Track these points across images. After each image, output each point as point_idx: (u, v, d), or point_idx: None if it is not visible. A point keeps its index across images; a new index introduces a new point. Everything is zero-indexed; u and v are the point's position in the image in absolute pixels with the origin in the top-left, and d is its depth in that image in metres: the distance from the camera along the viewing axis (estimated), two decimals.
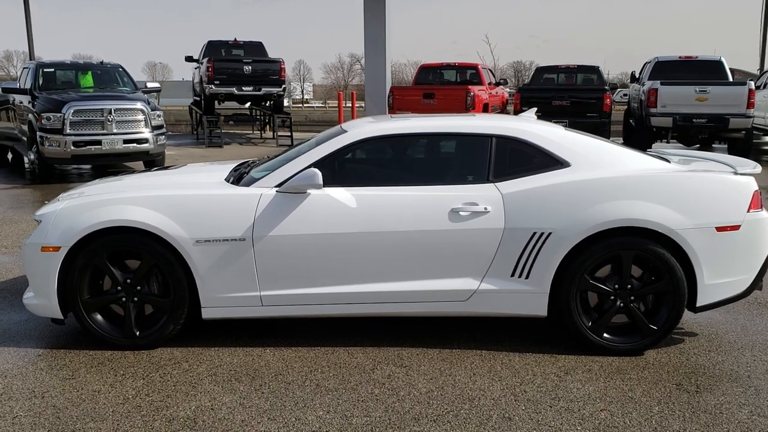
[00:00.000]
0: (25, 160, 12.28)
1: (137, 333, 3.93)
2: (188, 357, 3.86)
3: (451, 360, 3.80)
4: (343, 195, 3.89)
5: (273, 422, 3.12)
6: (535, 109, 5.91)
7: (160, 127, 11.17)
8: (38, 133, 10.35)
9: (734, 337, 4.15)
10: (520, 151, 4.00)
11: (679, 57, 14.47)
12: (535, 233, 3.79)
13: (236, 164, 4.81)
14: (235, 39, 18.61)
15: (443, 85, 16.41)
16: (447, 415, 3.18)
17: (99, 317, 3.94)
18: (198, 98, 18.77)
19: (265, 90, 17.00)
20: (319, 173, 3.80)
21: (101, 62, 12.81)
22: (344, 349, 3.95)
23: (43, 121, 10.28)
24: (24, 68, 12.52)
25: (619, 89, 34.75)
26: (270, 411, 3.22)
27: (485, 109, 15.03)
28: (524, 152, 4.00)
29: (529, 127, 4.12)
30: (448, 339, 4.11)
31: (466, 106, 14.05)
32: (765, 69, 22.50)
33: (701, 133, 13.21)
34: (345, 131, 4.17)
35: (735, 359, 3.82)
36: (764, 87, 14.73)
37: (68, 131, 10.27)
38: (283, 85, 17.50)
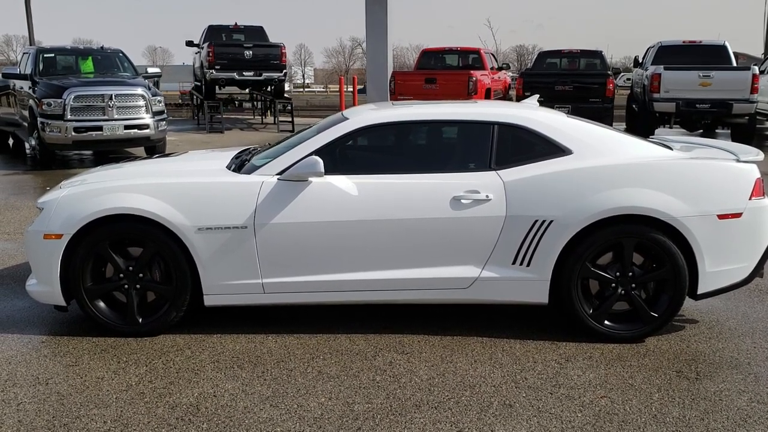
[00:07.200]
0: (26, 145, 12.26)
1: (140, 320, 3.95)
2: (191, 344, 3.88)
3: (452, 347, 3.82)
4: (344, 183, 3.89)
5: (275, 409, 3.14)
6: (537, 95, 5.88)
7: (161, 112, 11.15)
8: (39, 119, 10.33)
9: (735, 324, 4.16)
10: (522, 138, 3.99)
11: (683, 42, 14.37)
12: (536, 221, 3.79)
13: (238, 151, 4.81)
14: (236, 23, 18.51)
15: (445, 69, 16.33)
16: (448, 401, 3.20)
17: (102, 304, 3.96)
18: (198, 83, 18.69)
19: (265, 75, 16.93)
20: (321, 161, 3.80)
21: (102, 47, 12.75)
22: (346, 336, 3.97)
23: (43, 107, 10.25)
24: (24, 53, 12.47)
25: (622, 74, 34.55)
26: (272, 398, 3.25)
27: (488, 94, 14.96)
28: (526, 140, 3.98)
29: (531, 114, 4.10)
30: (449, 326, 4.12)
31: (468, 91, 13.98)
32: None
33: (704, 118, 13.14)
34: (346, 119, 4.16)
35: (735, 346, 3.83)
36: None
37: (69, 117, 10.25)
38: (284, 70, 17.43)
